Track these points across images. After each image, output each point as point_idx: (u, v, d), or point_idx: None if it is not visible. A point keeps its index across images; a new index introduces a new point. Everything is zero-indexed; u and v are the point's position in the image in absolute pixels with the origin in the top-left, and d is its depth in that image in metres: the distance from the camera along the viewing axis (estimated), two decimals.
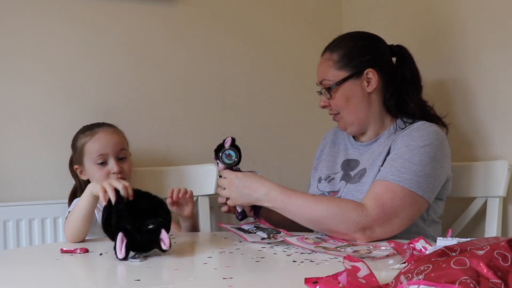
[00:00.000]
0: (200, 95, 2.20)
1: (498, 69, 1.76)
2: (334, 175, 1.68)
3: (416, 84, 1.66)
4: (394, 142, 1.55)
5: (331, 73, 1.62)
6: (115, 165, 1.74)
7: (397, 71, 1.64)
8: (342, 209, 1.41)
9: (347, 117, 1.63)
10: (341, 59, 1.61)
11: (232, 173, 1.52)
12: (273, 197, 1.47)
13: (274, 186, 1.48)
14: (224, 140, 1.54)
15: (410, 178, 1.44)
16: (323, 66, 1.65)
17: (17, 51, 1.94)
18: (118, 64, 2.07)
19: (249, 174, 1.52)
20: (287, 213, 1.48)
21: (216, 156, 1.54)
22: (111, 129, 1.81)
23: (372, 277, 0.86)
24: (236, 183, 1.50)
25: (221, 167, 1.55)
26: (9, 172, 1.92)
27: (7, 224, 1.86)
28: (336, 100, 1.62)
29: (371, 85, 1.61)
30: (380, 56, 1.63)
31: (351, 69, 1.60)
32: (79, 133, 1.82)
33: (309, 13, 2.40)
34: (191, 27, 2.19)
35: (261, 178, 1.51)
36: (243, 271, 1.14)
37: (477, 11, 1.82)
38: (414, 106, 1.62)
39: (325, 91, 1.63)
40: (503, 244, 0.78)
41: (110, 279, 1.17)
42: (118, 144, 1.78)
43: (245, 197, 1.50)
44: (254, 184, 1.49)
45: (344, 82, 1.60)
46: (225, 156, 1.53)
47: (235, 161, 1.53)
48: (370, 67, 1.60)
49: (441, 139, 1.53)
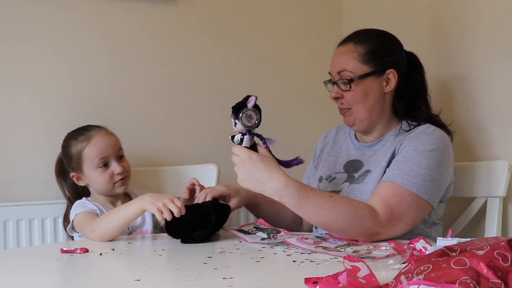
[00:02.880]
0: (200, 95, 2.20)
1: (498, 69, 1.76)
2: (336, 175, 1.67)
3: (424, 93, 1.67)
4: (400, 144, 1.54)
5: (354, 65, 1.58)
6: (117, 165, 1.74)
7: (409, 78, 1.65)
8: (359, 215, 1.37)
9: (360, 114, 1.61)
10: (367, 53, 1.58)
11: (247, 151, 1.36)
12: (289, 193, 1.34)
13: (290, 181, 1.35)
14: (246, 99, 1.38)
15: (417, 183, 1.44)
16: (345, 56, 1.60)
17: (17, 51, 1.94)
18: (117, 64, 2.07)
19: (266, 158, 1.36)
20: (301, 213, 1.40)
21: (235, 115, 1.37)
22: (104, 130, 1.80)
23: (372, 277, 0.86)
24: (248, 164, 1.35)
25: (239, 128, 1.39)
26: (9, 172, 1.92)
27: (7, 224, 1.86)
28: (353, 94, 1.59)
29: (389, 86, 1.60)
30: (400, 59, 1.63)
31: (375, 66, 1.58)
32: (70, 139, 1.79)
33: (309, 13, 2.40)
34: (191, 27, 2.19)
35: (278, 168, 1.36)
36: (243, 271, 1.14)
37: (477, 11, 1.82)
38: (421, 112, 1.62)
39: (343, 82, 1.59)
40: (503, 244, 0.79)
41: (110, 279, 1.17)
42: (116, 144, 1.78)
43: (253, 183, 1.36)
44: (269, 174, 1.34)
45: (366, 77, 1.58)
46: (246, 117, 1.36)
47: (256, 124, 1.38)
48: (392, 67, 1.59)
49: (446, 143, 1.54)
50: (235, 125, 1.39)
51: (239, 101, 1.39)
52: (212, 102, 2.21)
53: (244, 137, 1.39)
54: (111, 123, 1.86)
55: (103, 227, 1.53)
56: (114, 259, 1.28)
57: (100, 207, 1.72)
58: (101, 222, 1.55)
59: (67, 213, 1.83)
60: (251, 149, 1.38)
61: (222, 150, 2.05)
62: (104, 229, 1.53)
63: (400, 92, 1.63)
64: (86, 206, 1.71)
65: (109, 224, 1.53)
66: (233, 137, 1.43)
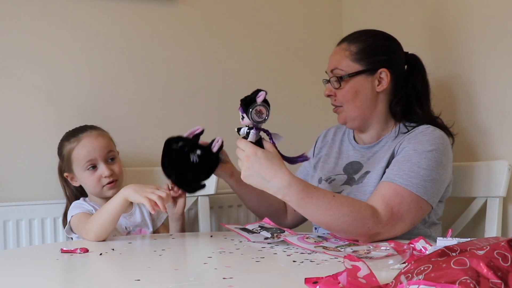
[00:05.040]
0: (200, 95, 2.20)
1: (498, 69, 1.76)
2: (336, 177, 1.67)
3: (426, 96, 1.66)
4: (399, 144, 1.54)
5: (345, 63, 1.60)
6: (105, 169, 1.74)
7: (408, 79, 1.65)
8: (361, 215, 1.37)
9: (351, 112, 1.62)
10: (358, 52, 1.60)
11: (252, 147, 1.34)
12: (292, 192, 1.33)
13: (294, 180, 1.34)
14: (255, 93, 1.35)
15: (417, 183, 1.44)
16: (338, 55, 1.63)
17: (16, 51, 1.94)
18: (117, 64, 2.07)
19: (271, 155, 1.35)
20: (303, 212, 1.38)
21: (244, 109, 1.35)
22: (95, 132, 1.79)
23: (372, 277, 0.86)
24: (252, 160, 1.33)
25: (246, 122, 1.36)
26: (9, 172, 1.92)
27: (7, 224, 1.86)
28: (344, 92, 1.60)
29: (381, 85, 1.60)
30: (396, 59, 1.64)
31: (366, 65, 1.59)
32: (63, 140, 1.80)
33: (309, 13, 2.40)
34: (191, 27, 2.19)
35: (282, 166, 1.35)
36: (243, 271, 1.14)
37: (477, 12, 1.82)
38: (421, 114, 1.62)
39: (335, 80, 1.61)
40: (503, 244, 0.79)
41: (110, 279, 1.17)
42: (105, 147, 1.77)
43: (257, 180, 1.35)
44: (273, 171, 1.33)
45: (356, 75, 1.59)
46: (255, 112, 1.34)
47: (264, 120, 1.36)
48: (385, 67, 1.60)
49: (446, 144, 1.54)
50: (242, 119, 1.36)
51: (248, 95, 1.36)
52: (212, 101, 2.21)
53: (250, 131, 1.37)
54: (110, 123, 1.86)
55: (95, 228, 1.53)
56: (114, 259, 1.28)
57: (96, 207, 1.71)
58: (91, 224, 1.55)
59: (66, 212, 1.83)
60: (256, 144, 1.36)
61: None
62: (96, 229, 1.52)
63: (398, 94, 1.63)
64: (83, 207, 1.71)
65: (99, 223, 1.52)
66: (239, 130, 1.40)
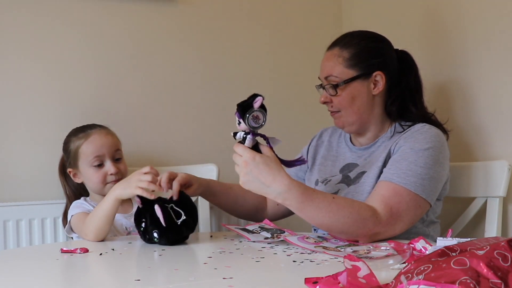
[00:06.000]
0: (200, 95, 2.20)
1: (497, 69, 1.76)
2: (332, 178, 1.67)
3: (419, 92, 1.66)
4: (395, 143, 1.54)
5: (339, 70, 1.59)
6: (112, 166, 1.74)
7: (401, 77, 1.64)
8: (361, 216, 1.36)
9: (349, 117, 1.61)
10: (352, 58, 1.59)
11: (250, 152, 1.32)
12: (292, 196, 1.33)
13: (294, 184, 1.33)
14: (252, 98, 1.33)
15: (415, 181, 1.44)
16: (331, 61, 1.61)
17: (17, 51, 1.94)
18: (118, 64, 2.07)
19: (269, 160, 1.33)
20: (303, 215, 1.37)
21: (240, 115, 1.33)
22: (105, 130, 1.80)
23: (372, 277, 0.86)
24: (251, 166, 1.32)
25: (242, 127, 1.34)
26: (9, 172, 1.92)
27: (7, 224, 1.87)
28: (340, 99, 1.60)
29: (377, 88, 1.60)
30: (389, 60, 1.63)
31: (361, 70, 1.58)
32: (71, 136, 1.81)
33: (309, 13, 2.40)
34: (191, 27, 2.19)
35: (281, 170, 1.33)
36: (243, 271, 1.14)
37: (476, 12, 1.82)
38: (416, 113, 1.62)
39: (330, 87, 1.60)
40: (503, 244, 0.78)
41: (110, 279, 1.17)
42: (113, 145, 1.78)
43: (256, 185, 1.33)
44: (272, 176, 1.31)
45: (352, 81, 1.58)
46: (252, 118, 1.32)
47: (261, 125, 1.33)
48: (379, 69, 1.59)
49: (442, 141, 1.54)
50: (238, 124, 1.34)
51: (245, 100, 1.34)
52: (212, 102, 2.21)
53: (247, 136, 1.35)
54: (111, 123, 1.86)
55: (92, 229, 1.52)
56: (114, 259, 1.28)
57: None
58: (88, 225, 1.54)
59: (65, 211, 1.83)
60: (253, 149, 1.34)
61: (222, 150, 2.06)
62: (93, 230, 1.52)
63: (393, 94, 1.62)
64: (83, 206, 1.71)
65: (95, 225, 1.52)
66: (235, 134, 1.39)
